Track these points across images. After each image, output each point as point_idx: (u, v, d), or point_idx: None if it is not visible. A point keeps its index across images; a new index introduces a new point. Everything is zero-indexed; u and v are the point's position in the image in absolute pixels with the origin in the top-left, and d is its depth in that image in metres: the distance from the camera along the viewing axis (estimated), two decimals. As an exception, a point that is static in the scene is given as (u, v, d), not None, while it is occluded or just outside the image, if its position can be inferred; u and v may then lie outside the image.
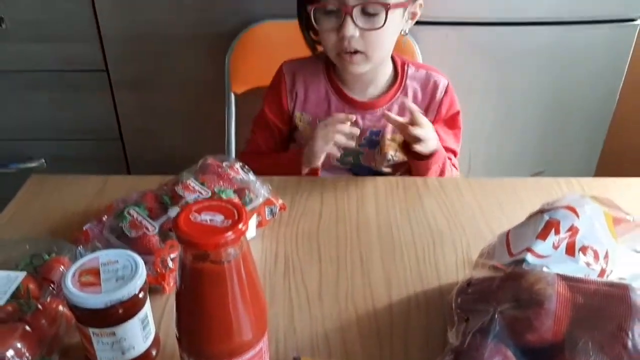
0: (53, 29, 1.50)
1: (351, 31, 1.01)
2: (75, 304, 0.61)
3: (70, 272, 0.62)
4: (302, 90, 1.16)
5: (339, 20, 1.02)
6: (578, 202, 0.69)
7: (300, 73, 1.17)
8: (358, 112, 1.14)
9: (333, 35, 1.04)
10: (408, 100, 1.12)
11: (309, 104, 1.17)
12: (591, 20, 1.49)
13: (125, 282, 0.62)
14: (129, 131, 1.67)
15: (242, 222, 0.52)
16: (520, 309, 0.61)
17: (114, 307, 0.61)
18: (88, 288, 0.61)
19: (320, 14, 1.04)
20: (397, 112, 1.14)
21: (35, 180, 1.04)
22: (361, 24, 1.02)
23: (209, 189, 0.85)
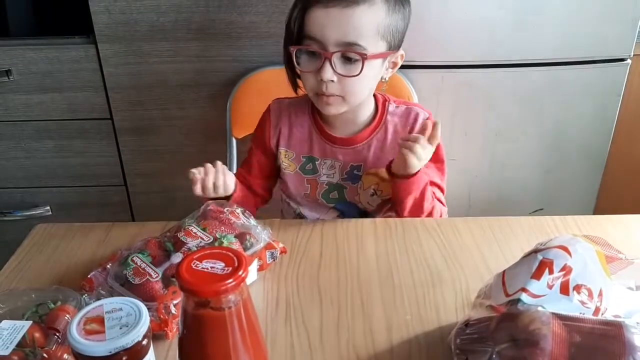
0: (59, 79, 1.55)
1: (329, 75, 1.04)
2: (80, 352, 0.62)
3: (75, 320, 0.63)
4: (286, 127, 1.20)
5: (318, 63, 1.05)
6: (570, 242, 0.70)
7: (287, 111, 1.20)
8: (339, 148, 1.17)
9: (312, 77, 1.07)
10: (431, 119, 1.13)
11: (293, 141, 1.20)
12: (583, 60, 1.53)
13: (129, 329, 0.62)
14: (133, 177, 1.70)
15: (242, 269, 0.54)
16: (517, 348, 0.62)
17: (117, 355, 0.62)
18: (92, 336, 0.62)
19: (302, 55, 1.07)
20: (376, 147, 1.16)
21: (41, 230, 1.06)
22: (339, 69, 1.05)
23: (211, 234, 0.87)
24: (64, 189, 1.72)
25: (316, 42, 1.04)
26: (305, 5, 1.05)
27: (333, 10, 1.02)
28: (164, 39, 1.49)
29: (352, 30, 1.03)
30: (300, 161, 1.20)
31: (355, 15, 1.02)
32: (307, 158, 1.19)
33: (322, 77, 1.05)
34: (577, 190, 1.75)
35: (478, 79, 1.56)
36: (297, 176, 1.21)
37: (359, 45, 1.03)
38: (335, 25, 1.03)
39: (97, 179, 1.70)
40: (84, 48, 1.52)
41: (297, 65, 1.08)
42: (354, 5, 1.02)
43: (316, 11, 1.03)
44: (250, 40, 1.50)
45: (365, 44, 1.04)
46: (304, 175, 1.20)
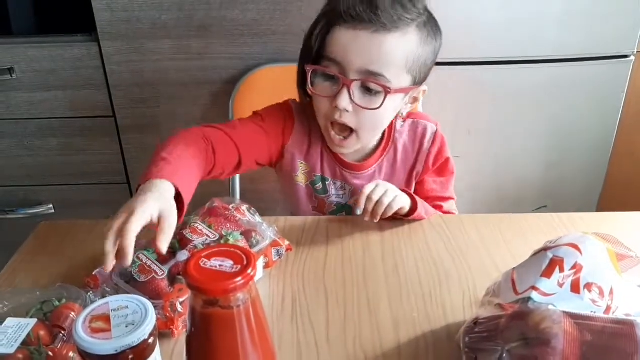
0: (61, 77, 1.54)
1: (345, 104, 0.96)
2: (85, 350, 0.61)
3: (80, 318, 0.63)
4: (306, 140, 1.11)
5: (335, 89, 0.97)
6: (580, 240, 0.69)
7: (307, 121, 1.11)
8: (350, 173, 1.13)
9: (326, 102, 0.99)
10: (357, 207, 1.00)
11: (310, 156, 1.12)
12: (587, 57, 1.53)
13: (135, 327, 0.61)
14: (136, 175, 1.69)
15: (251, 267, 0.53)
16: (528, 347, 0.61)
17: (124, 353, 0.60)
18: (98, 334, 0.61)
19: (318, 77, 0.99)
20: (386, 168, 1.13)
21: (45, 227, 1.05)
22: (357, 99, 0.96)
23: (217, 231, 0.87)
24: (66, 186, 1.71)
25: (336, 65, 0.96)
26: (331, 22, 0.95)
27: (361, 34, 0.93)
28: (166, 36, 1.49)
29: (379, 59, 0.94)
30: (312, 178, 1.14)
31: (385, 43, 0.93)
32: (319, 177, 1.14)
33: (337, 105, 0.96)
34: (580, 187, 1.74)
35: (482, 76, 1.56)
36: (308, 189, 1.16)
37: (383, 76, 0.95)
38: (361, 50, 0.93)
39: (100, 177, 1.70)
40: (87, 46, 1.51)
41: (310, 87, 0.99)
42: (386, 32, 0.92)
43: (342, 31, 0.94)
44: (253, 38, 1.49)
45: (390, 76, 0.95)
46: (315, 193, 1.16)
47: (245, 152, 1.04)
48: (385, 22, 0.92)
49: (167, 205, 0.79)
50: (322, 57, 0.98)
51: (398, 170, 1.13)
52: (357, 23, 0.93)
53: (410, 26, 0.95)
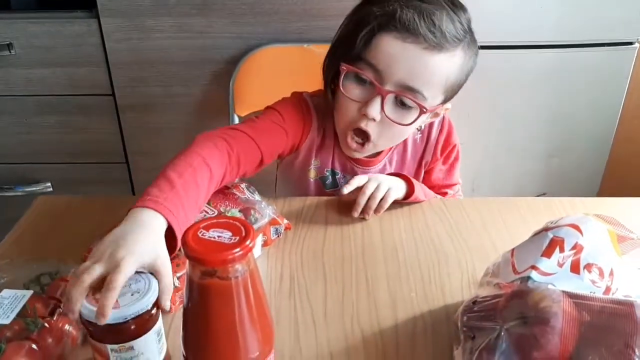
0: (61, 54, 1.53)
1: (374, 114, 0.92)
2: (89, 319, 0.59)
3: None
4: (320, 136, 1.08)
5: (368, 95, 0.93)
6: (581, 221, 0.69)
7: (322, 114, 1.07)
8: (360, 168, 1.10)
9: (354, 106, 0.95)
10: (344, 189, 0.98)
11: (323, 151, 1.09)
12: (591, 43, 1.52)
13: (141, 296, 0.61)
14: (135, 154, 1.68)
15: (250, 239, 0.53)
16: (526, 326, 0.61)
17: (127, 323, 0.60)
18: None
19: (350, 78, 0.94)
20: (397, 161, 1.12)
21: (43, 202, 1.04)
22: (388, 112, 0.93)
23: (215, 208, 0.86)
24: (65, 165, 1.71)
25: (374, 72, 0.92)
26: (381, 26, 0.90)
27: (410, 48, 0.89)
28: (167, 14, 1.47)
29: (422, 77, 0.91)
30: (323, 173, 1.11)
31: (432, 61, 0.90)
32: (330, 171, 1.11)
33: (366, 113, 0.92)
34: (581, 175, 1.74)
35: (482, 60, 1.53)
36: (316, 184, 1.13)
37: (421, 94, 0.92)
38: (406, 64, 0.90)
39: (99, 156, 1.69)
40: (87, 22, 1.50)
41: (341, 87, 0.95)
42: (436, 51, 0.89)
43: (390, 40, 0.90)
44: (255, 17, 1.47)
45: (428, 94, 0.92)
46: (324, 188, 1.13)
47: (267, 153, 0.99)
48: (439, 41, 0.89)
49: (162, 255, 0.67)
50: (360, 58, 0.93)
51: (408, 162, 1.12)
52: (408, 35, 0.89)
53: (458, 47, 0.93)
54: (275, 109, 1.03)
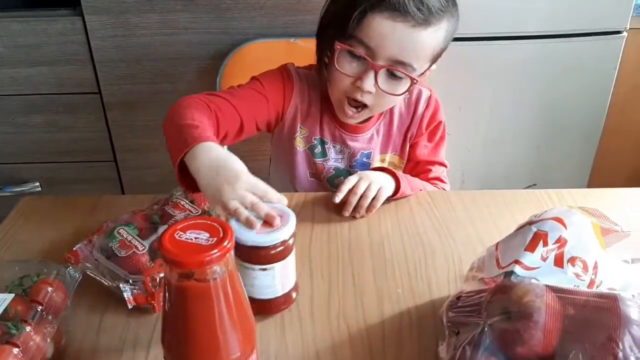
0: (46, 52, 1.51)
1: (369, 87, 0.98)
2: (246, 244, 0.70)
3: (234, 220, 0.72)
4: (305, 103, 1.12)
5: (361, 70, 0.98)
6: (565, 214, 0.69)
7: (305, 84, 1.12)
8: (348, 135, 1.13)
9: (348, 80, 1.00)
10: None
11: (309, 119, 1.13)
12: (579, 33, 1.51)
13: (283, 225, 0.72)
14: (123, 152, 1.67)
15: (228, 240, 0.52)
16: (509, 321, 0.61)
17: (278, 245, 0.72)
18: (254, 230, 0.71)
19: (344, 54, 0.98)
20: (383, 133, 1.15)
21: (27, 203, 1.03)
22: (382, 84, 0.98)
23: (199, 207, 0.85)
24: (53, 164, 1.70)
25: (366, 49, 0.96)
26: (373, 6, 0.94)
27: (400, 27, 0.93)
28: (152, 10, 1.46)
29: (411, 52, 0.96)
30: (311, 142, 1.14)
31: (420, 37, 0.95)
32: (318, 140, 1.14)
33: (362, 87, 0.98)
34: (570, 166, 1.74)
35: (472, 52, 1.54)
36: (305, 154, 1.16)
37: (411, 66, 0.97)
38: (396, 42, 0.95)
39: (87, 155, 1.68)
40: (71, 20, 1.48)
41: (336, 64, 0.99)
42: (423, 27, 0.94)
43: (381, 20, 0.94)
44: (241, 12, 1.46)
45: (417, 65, 0.98)
46: (313, 157, 1.16)
47: (247, 117, 1.04)
48: (426, 17, 0.94)
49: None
50: (352, 36, 0.97)
51: (394, 133, 1.15)
52: (398, 14, 0.93)
53: (443, 19, 0.97)
54: (256, 78, 1.09)
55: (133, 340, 0.75)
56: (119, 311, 0.78)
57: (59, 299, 0.72)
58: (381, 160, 1.16)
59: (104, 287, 0.78)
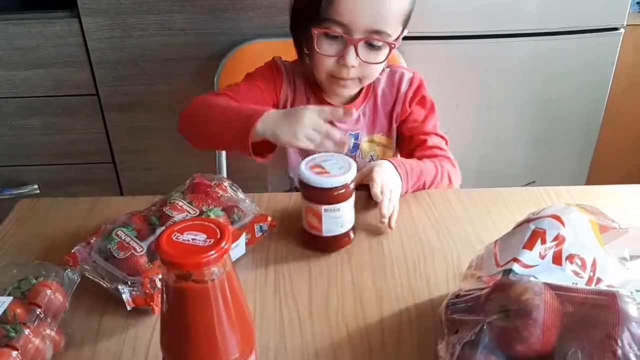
0: (43, 54, 1.51)
1: (353, 62, 1.02)
2: (314, 185, 0.83)
3: (302, 168, 0.85)
4: (292, 92, 1.17)
5: (341, 47, 1.03)
6: (563, 211, 0.69)
7: (292, 74, 1.17)
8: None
9: (331, 60, 1.05)
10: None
11: (297, 105, 1.16)
12: (575, 30, 1.51)
13: (346, 170, 0.84)
14: (121, 153, 1.67)
15: (225, 241, 0.52)
16: (508, 319, 0.61)
17: (341, 188, 0.84)
18: (323, 175, 0.84)
19: (322, 38, 1.04)
20: (369, 114, 1.17)
21: (24, 205, 1.03)
22: (363, 56, 1.03)
23: (197, 208, 0.85)
24: (51, 166, 1.70)
25: (341, 27, 1.01)
26: None
27: None
28: (149, 11, 1.46)
29: (382, 19, 1.01)
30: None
31: (386, 3, 1.01)
32: None
33: (345, 63, 1.02)
34: (569, 163, 1.74)
35: (469, 50, 1.54)
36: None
37: (386, 33, 1.02)
38: (366, 12, 1.00)
39: (85, 157, 1.68)
40: (67, 22, 1.48)
41: (317, 49, 1.04)
42: None
43: None
44: (238, 12, 1.46)
45: (391, 31, 1.03)
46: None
47: None
48: None
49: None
50: (325, 19, 1.02)
51: (379, 115, 1.17)
52: None
53: None
54: (250, 74, 1.18)
55: (132, 342, 0.75)
56: (118, 313, 0.78)
57: (57, 302, 0.72)
58: (369, 141, 1.18)
59: (102, 289, 0.78)
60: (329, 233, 0.88)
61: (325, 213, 0.86)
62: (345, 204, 0.86)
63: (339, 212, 0.86)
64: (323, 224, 0.86)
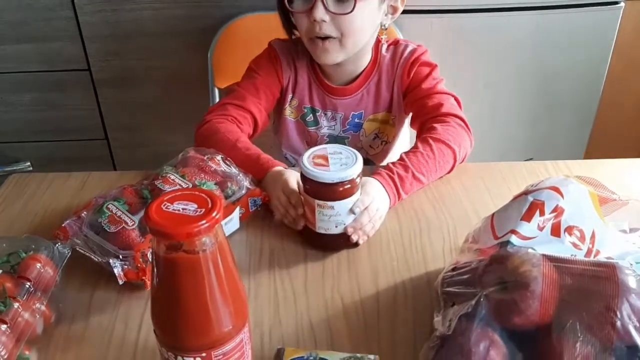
0: (33, 28, 1.49)
1: (321, 15, 0.99)
2: (311, 177, 0.78)
3: (305, 156, 0.81)
4: (293, 73, 1.14)
5: (310, 2, 1.00)
6: (562, 183, 0.67)
7: (290, 55, 1.14)
8: (338, 99, 1.14)
9: (305, 18, 1.02)
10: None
11: (298, 88, 1.15)
12: (575, 4, 1.48)
13: (348, 166, 0.78)
14: (114, 129, 1.65)
15: (216, 211, 0.51)
16: (506, 291, 0.60)
17: (339, 184, 0.78)
18: (321, 167, 0.79)
19: None
20: (373, 91, 1.14)
21: (15, 180, 1.02)
22: (332, 7, 0.99)
23: (190, 181, 0.84)
24: (44, 143, 1.68)
25: None
26: None
27: None
28: (141, -17, 1.43)
29: None
30: (302, 111, 1.16)
31: None
32: (309, 109, 1.16)
33: (314, 17, 0.99)
34: (567, 139, 1.72)
35: (467, 24, 1.51)
36: (298, 124, 1.18)
37: None
38: None
39: (78, 133, 1.66)
40: (57, -6, 1.45)
41: (288, 6, 1.03)
42: None
43: None
44: (232, -16, 1.43)
45: None
46: (306, 126, 1.17)
47: (260, 116, 1.11)
48: None
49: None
50: None
51: (383, 91, 1.14)
52: None
53: None
54: (250, 67, 1.15)
55: (124, 317, 0.74)
56: (109, 287, 0.77)
57: (47, 275, 0.71)
58: (373, 120, 1.16)
59: (94, 264, 0.76)
60: (322, 230, 0.82)
61: (318, 209, 0.81)
62: (340, 203, 0.80)
63: (332, 210, 0.80)
64: (316, 220, 0.82)
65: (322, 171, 0.78)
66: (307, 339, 0.70)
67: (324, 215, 0.81)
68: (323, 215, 0.81)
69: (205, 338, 0.54)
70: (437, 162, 0.96)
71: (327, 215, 0.81)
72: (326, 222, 0.81)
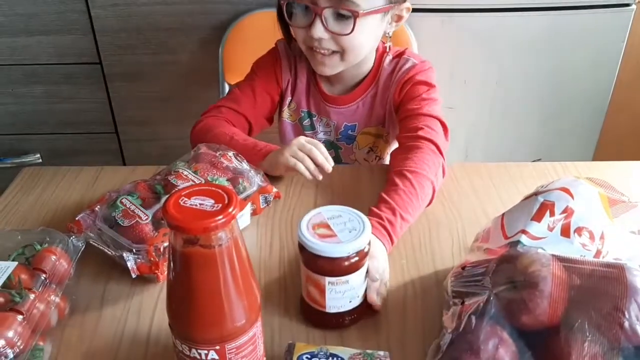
0: (45, 21, 1.49)
1: (319, 33, 0.97)
2: (319, 253, 0.65)
3: (303, 227, 0.68)
4: (293, 76, 1.14)
5: (310, 18, 0.98)
6: (572, 184, 0.68)
7: (292, 57, 1.14)
8: (332, 107, 1.13)
9: (303, 32, 1.01)
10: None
11: (297, 91, 1.15)
12: (587, 5, 1.48)
13: (358, 233, 0.66)
14: (124, 123, 1.66)
15: (233, 206, 0.52)
16: (515, 291, 0.61)
17: (352, 257, 0.66)
18: (327, 239, 0.66)
19: (295, 8, 1.00)
20: (369, 103, 1.11)
21: (28, 173, 1.03)
22: (331, 26, 0.97)
23: (202, 177, 0.85)
24: (54, 135, 1.69)
25: None
26: None
27: None
28: (154, -22, 1.44)
29: None
30: (299, 115, 1.16)
31: None
32: (306, 113, 1.16)
33: (312, 34, 0.98)
34: (576, 141, 1.72)
35: (478, 23, 1.51)
36: (296, 127, 1.18)
37: (352, 2, 0.95)
38: None
39: (88, 126, 1.67)
40: (70, -12, 1.46)
41: (287, 19, 1.02)
42: None
43: None
44: (243, -19, 1.44)
45: (359, 0, 0.95)
46: (303, 130, 1.17)
47: (255, 119, 1.12)
48: None
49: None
50: None
51: (377, 106, 1.12)
52: None
53: None
54: (252, 69, 1.16)
55: (137, 309, 0.75)
56: (122, 280, 0.78)
57: (62, 268, 0.72)
58: (367, 133, 1.14)
59: (107, 257, 0.78)
60: (334, 310, 0.70)
61: (329, 287, 0.68)
62: (355, 275, 0.68)
63: (347, 285, 0.68)
64: (327, 299, 0.69)
65: (333, 244, 0.66)
66: (317, 334, 0.71)
67: (337, 292, 0.69)
68: (336, 293, 0.69)
69: (219, 331, 0.55)
70: (420, 197, 0.89)
71: (341, 292, 0.69)
72: (339, 300, 0.70)
